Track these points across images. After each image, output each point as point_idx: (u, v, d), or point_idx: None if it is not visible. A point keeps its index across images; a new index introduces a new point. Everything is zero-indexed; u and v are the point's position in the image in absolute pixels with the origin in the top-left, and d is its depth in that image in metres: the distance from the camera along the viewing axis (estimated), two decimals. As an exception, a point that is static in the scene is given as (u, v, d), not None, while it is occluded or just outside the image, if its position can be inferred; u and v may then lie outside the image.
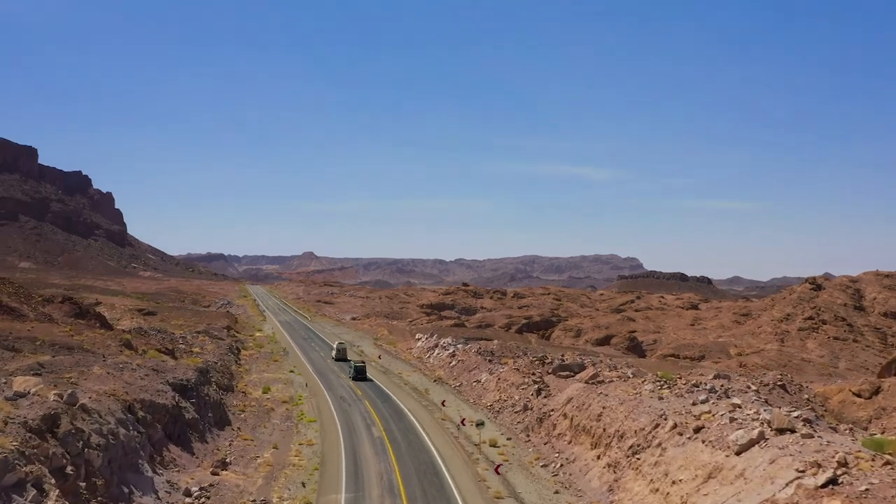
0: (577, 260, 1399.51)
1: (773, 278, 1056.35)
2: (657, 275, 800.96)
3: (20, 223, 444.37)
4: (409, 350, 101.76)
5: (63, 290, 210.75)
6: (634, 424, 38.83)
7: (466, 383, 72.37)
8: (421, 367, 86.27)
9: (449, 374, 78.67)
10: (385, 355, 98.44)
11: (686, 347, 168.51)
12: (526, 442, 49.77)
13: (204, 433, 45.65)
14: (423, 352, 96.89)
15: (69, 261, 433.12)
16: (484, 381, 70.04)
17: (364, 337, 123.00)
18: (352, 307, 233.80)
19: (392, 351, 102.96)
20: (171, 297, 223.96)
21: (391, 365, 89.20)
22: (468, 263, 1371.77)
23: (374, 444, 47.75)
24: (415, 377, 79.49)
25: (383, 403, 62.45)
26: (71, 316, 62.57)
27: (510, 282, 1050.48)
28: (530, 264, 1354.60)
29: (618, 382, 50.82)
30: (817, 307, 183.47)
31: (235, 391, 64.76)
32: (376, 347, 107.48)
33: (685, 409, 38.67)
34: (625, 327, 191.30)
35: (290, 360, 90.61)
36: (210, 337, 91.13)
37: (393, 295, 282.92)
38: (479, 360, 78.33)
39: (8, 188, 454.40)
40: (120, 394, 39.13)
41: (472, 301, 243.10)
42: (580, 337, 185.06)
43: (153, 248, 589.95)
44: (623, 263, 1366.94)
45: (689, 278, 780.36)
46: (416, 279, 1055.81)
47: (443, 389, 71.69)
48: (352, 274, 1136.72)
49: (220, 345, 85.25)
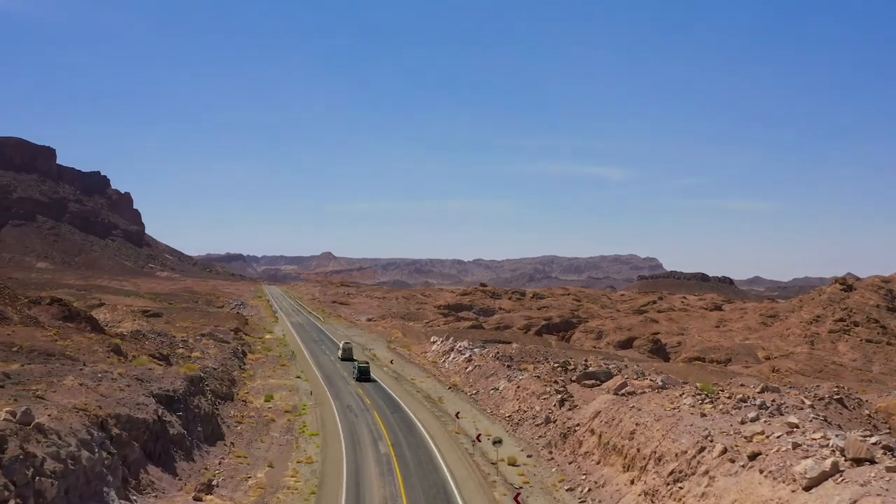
0: (596, 260, 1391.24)
1: (794, 278, 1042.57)
2: (678, 275, 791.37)
3: (38, 223, 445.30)
4: (424, 354, 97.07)
5: (75, 290, 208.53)
6: (675, 446, 33.78)
7: (483, 391, 67.51)
8: (435, 373, 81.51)
9: (465, 381, 73.85)
10: (398, 359, 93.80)
11: (712, 350, 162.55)
12: (549, 460, 44.84)
13: (191, 450, 41.18)
14: (438, 356, 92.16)
15: (86, 261, 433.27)
16: (502, 388, 65.15)
17: (377, 339, 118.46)
18: (367, 308, 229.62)
19: (406, 354, 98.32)
20: (184, 298, 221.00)
21: (404, 370, 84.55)
22: (487, 264, 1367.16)
23: (379, 462, 43.07)
24: (428, 384, 74.75)
25: (393, 414, 57.76)
26: (59, 319, 58.57)
27: (529, 282, 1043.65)
28: (549, 264, 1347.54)
29: (650, 394, 45.75)
30: (848, 308, 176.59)
31: (235, 400, 60.38)
32: (389, 351, 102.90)
33: (733, 429, 33.60)
34: (647, 329, 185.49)
35: (297, 364, 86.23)
36: (214, 340, 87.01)
37: (410, 295, 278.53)
38: (496, 366, 73.47)
39: (26, 188, 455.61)
40: (91, 409, 34.73)
41: (490, 302, 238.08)
42: (602, 339, 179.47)
43: (171, 249, 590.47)
44: (642, 263, 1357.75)
45: (711, 278, 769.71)
46: (434, 279, 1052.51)
47: (458, 398, 66.89)
48: (370, 274, 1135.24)
49: (223, 348, 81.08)
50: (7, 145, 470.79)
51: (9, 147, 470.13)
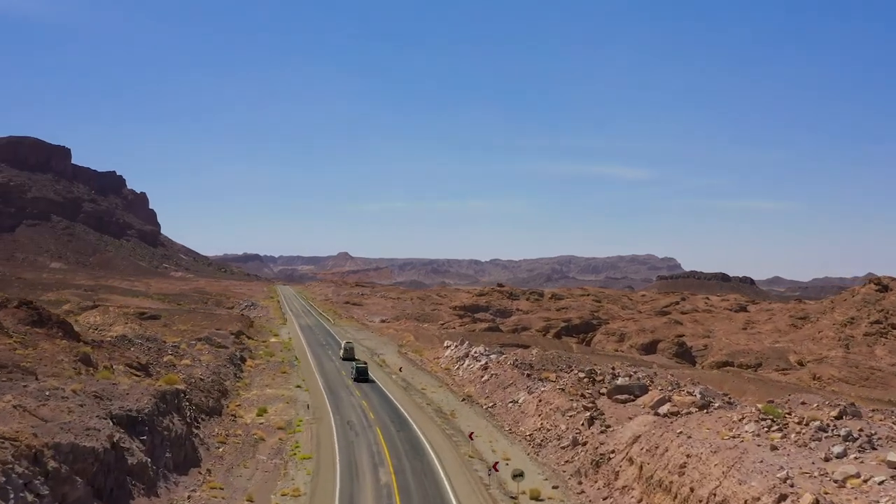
0: (613, 260, 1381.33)
1: (814, 279, 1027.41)
2: (698, 275, 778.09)
3: (52, 223, 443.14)
4: (437, 360, 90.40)
5: (83, 290, 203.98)
6: (743, 490, 26.86)
7: (501, 404, 60.75)
8: (448, 382, 74.81)
9: (480, 392, 67.12)
10: (408, 366, 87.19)
11: (741, 354, 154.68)
12: (579, 493, 38.01)
13: (155, 482, 34.77)
14: (452, 362, 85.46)
15: (100, 261, 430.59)
16: (522, 401, 58.36)
17: (388, 343, 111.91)
18: (381, 309, 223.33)
19: (417, 361, 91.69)
20: (193, 299, 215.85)
21: (414, 378, 77.92)
22: (504, 264, 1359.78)
23: (379, 495, 36.48)
24: (440, 394, 68.08)
25: (399, 431, 51.14)
26: (27, 323, 52.60)
27: (546, 282, 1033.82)
28: (566, 264, 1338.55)
29: (699, 416, 38.81)
30: (885, 310, 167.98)
31: (223, 414, 54.07)
32: (400, 356, 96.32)
33: (817, 468, 26.73)
34: (672, 331, 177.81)
35: (299, 371, 79.88)
36: (210, 345, 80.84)
37: (425, 296, 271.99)
38: (515, 375, 66.69)
39: (41, 188, 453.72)
40: (23, 437, 28.37)
41: (507, 303, 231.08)
42: (624, 342, 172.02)
43: (186, 249, 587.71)
44: (660, 263, 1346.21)
45: (732, 278, 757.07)
46: (451, 280, 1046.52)
47: (472, 411, 60.16)
48: (386, 274, 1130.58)
49: (219, 354, 74.88)
50: (22, 145, 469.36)
51: (24, 147, 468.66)
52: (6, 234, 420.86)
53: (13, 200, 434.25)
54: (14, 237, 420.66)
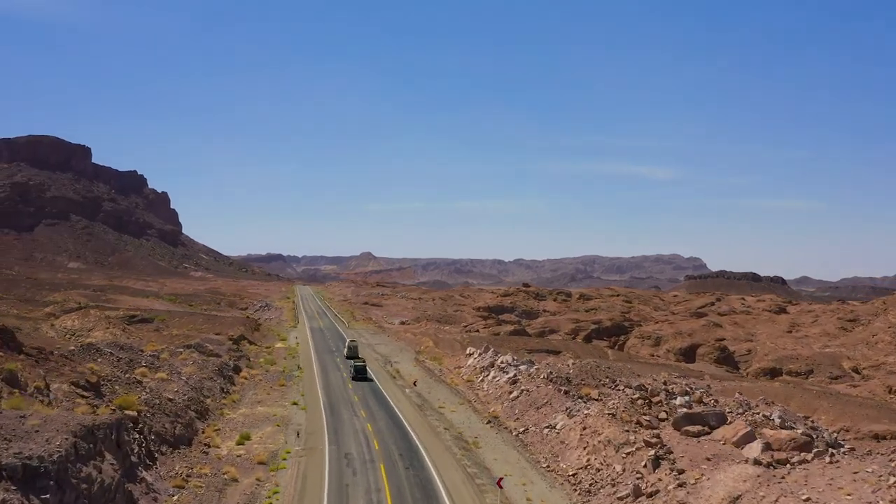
0: (638, 260, 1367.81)
1: (842, 278, 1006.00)
2: (727, 274, 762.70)
3: (71, 223, 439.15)
4: (458, 370, 79.82)
5: (91, 290, 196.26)
6: None
7: (534, 429, 50.07)
8: (471, 398, 64.19)
9: (509, 412, 56.47)
10: (425, 377, 76.64)
11: (789, 360, 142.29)
12: (651, 576, 27.28)
13: (54, 564, 24.57)
14: (475, 372, 74.85)
15: (119, 261, 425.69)
16: (560, 427, 47.69)
17: (404, 350, 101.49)
18: (401, 310, 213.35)
19: (436, 370, 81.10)
20: (205, 299, 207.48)
21: (431, 392, 67.42)
22: (527, 264, 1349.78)
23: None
24: (460, 414, 57.50)
25: (408, 468, 40.68)
26: (-45, 332, 43.24)
27: (570, 282, 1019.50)
28: (591, 264, 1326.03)
29: (818, 465, 27.97)
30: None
31: (194, 444, 44.01)
32: (416, 364, 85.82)
33: None
34: (711, 334, 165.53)
35: (301, 383, 69.78)
36: (200, 353, 71.04)
37: (447, 296, 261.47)
38: (550, 392, 56.01)
39: (60, 187, 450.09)
40: None
41: (533, 303, 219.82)
42: (660, 346, 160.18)
43: (207, 248, 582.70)
44: (686, 263, 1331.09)
45: (762, 278, 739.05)
46: (474, 280, 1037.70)
47: (499, 438, 49.51)
48: (409, 274, 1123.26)
49: (206, 365, 64.98)
50: (42, 144, 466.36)
51: (43, 146, 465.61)
52: (25, 233, 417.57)
53: (32, 200, 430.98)
54: (33, 237, 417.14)
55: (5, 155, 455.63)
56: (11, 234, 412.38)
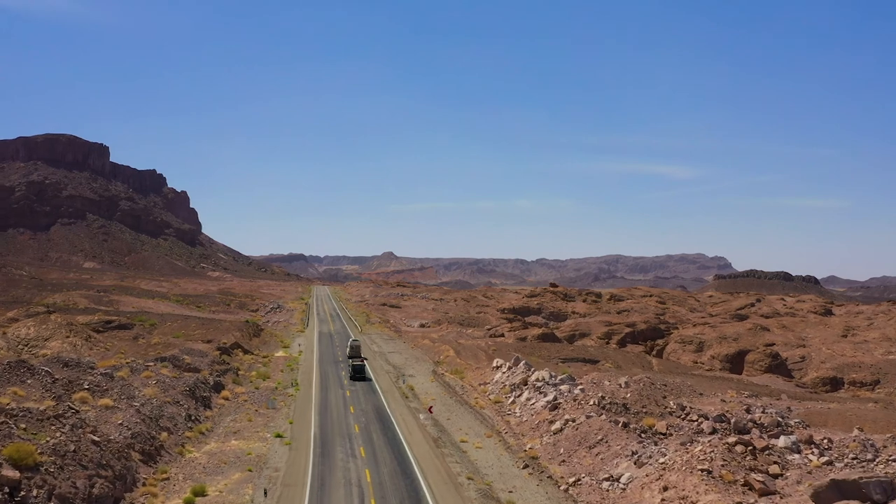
0: (662, 259, 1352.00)
1: (871, 278, 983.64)
2: (757, 274, 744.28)
3: (88, 222, 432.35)
4: (483, 387, 67.05)
5: (94, 291, 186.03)
6: None
7: (589, 481, 37.19)
8: (500, 428, 51.33)
9: (552, 451, 43.61)
10: (444, 396, 63.90)
11: (850, 368, 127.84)
12: None
13: None
14: (505, 391, 62.09)
15: (136, 261, 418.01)
16: (627, 480, 34.88)
17: (421, 360, 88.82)
18: (421, 312, 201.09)
19: (457, 387, 68.35)
20: (214, 300, 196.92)
21: (452, 417, 54.71)
22: (550, 263, 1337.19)
23: None
24: (489, 453, 44.72)
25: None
26: None
27: (594, 282, 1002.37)
28: (614, 264, 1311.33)
29: None
30: None
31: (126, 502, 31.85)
32: (434, 379, 73.07)
33: None
34: (758, 339, 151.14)
35: (293, 405, 57.49)
36: (175, 367, 59.19)
37: (470, 297, 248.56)
38: (604, 425, 43.19)
39: (77, 186, 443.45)
40: None
41: (561, 304, 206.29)
42: (703, 351, 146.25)
43: (227, 248, 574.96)
44: (710, 263, 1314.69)
45: (794, 278, 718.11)
46: (496, 279, 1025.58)
47: (543, 495, 36.68)
48: (431, 274, 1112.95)
49: (174, 385, 52.88)
50: (58, 142, 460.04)
51: (60, 144, 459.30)
52: (41, 233, 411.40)
53: (48, 199, 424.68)
54: (49, 236, 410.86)
55: (22, 154, 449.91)
56: (27, 233, 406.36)
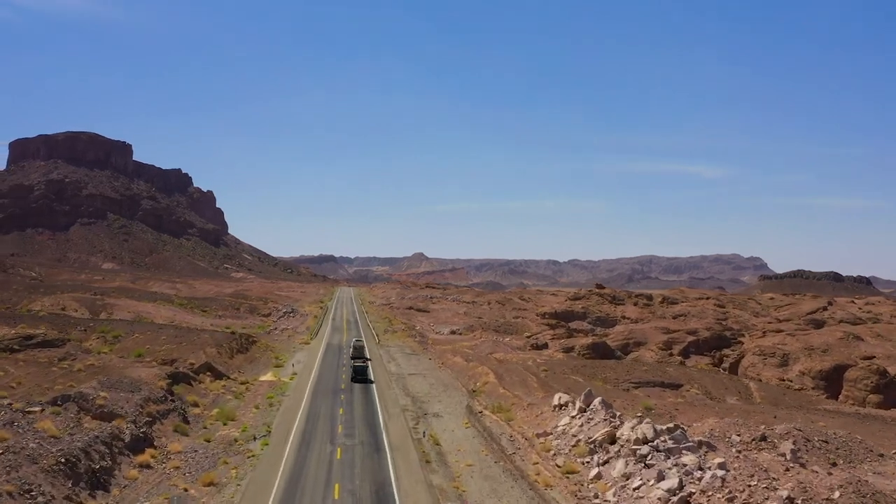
0: (696, 260, 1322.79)
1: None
2: (805, 274, 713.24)
3: (108, 221, 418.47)
4: (543, 440, 45.02)
5: (93, 293, 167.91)
6: None
7: None
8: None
9: None
10: (486, 457, 42.15)
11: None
12: None
13: None
14: (579, 452, 40.19)
15: (157, 261, 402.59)
16: None
17: (451, 386, 67.10)
18: (451, 316, 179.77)
19: (504, 437, 46.53)
20: (223, 304, 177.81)
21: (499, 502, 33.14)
22: (583, 264, 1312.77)
23: None
24: None
25: None
26: None
27: (627, 283, 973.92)
28: (647, 264, 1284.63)
29: None
30: None
31: None
32: (469, 421, 51.38)
33: None
34: (853, 351, 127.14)
35: (251, 474, 36.34)
36: (81, 410, 38.64)
37: (505, 299, 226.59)
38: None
39: (97, 185, 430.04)
40: None
41: (608, 308, 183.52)
42: (789, 366, 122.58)
43: (253, 249, 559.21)
44: (746, 263, 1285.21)
45: (845, 278, 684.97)
46: (528, 280, 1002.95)
47: None
48: (462, 275, 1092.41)
49: (42, 453, 32.16)
50: (79, 140, 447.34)
51: (81, 142, 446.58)
52: (60, 233, 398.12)
53: (68, 198, 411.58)
54: (68, 236, 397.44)
55: (43, 152, 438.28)
56: (46, 233, 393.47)
